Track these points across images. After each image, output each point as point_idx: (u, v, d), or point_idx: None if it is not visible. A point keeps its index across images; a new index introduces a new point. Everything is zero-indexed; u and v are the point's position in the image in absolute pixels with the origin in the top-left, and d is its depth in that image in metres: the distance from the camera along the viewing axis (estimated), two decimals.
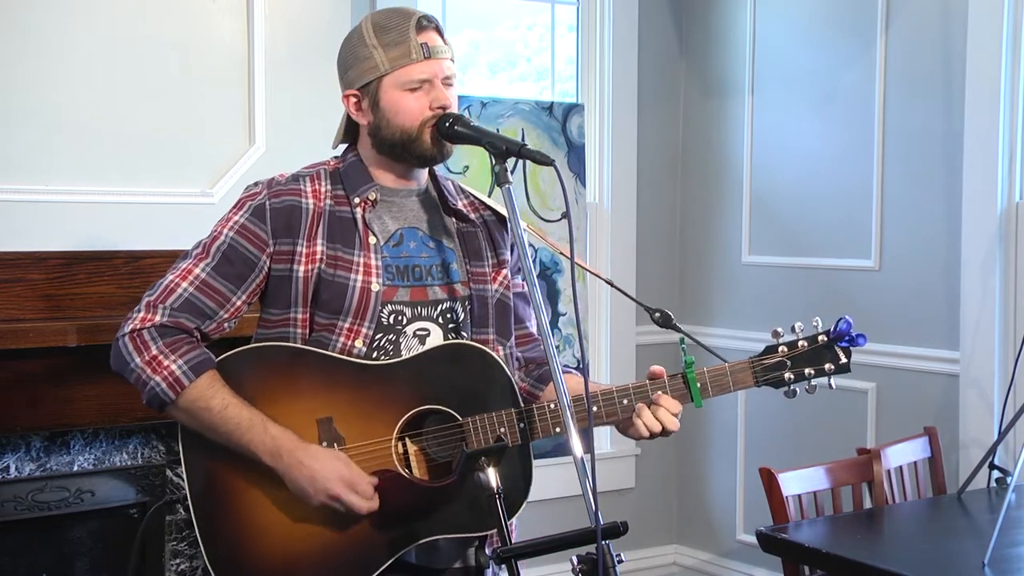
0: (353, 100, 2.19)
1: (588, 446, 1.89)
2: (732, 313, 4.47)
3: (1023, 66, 3.53)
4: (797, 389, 2.13)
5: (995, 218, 3.55)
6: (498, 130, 3.61)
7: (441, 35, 2.16)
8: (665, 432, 2.11)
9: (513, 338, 2.26)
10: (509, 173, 2.03)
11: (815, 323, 2.14)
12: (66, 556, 3.22)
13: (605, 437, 4.54)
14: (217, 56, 3.42)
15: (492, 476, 1.90)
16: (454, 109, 2.15)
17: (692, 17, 4.66)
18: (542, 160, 1.99)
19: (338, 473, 2.03)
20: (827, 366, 2.13)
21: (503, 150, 2.03)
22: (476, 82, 4.38)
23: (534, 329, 2.31)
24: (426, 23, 2.14)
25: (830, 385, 2.14)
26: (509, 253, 2.29)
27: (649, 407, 2.10)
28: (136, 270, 3.20)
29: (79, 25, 3.21)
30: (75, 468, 3.16)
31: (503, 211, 2.24)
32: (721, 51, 4.54)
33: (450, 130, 2.11)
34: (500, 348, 2.22)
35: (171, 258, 3.20)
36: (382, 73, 2.13)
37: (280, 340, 2.14)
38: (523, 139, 4.07)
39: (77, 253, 3.16)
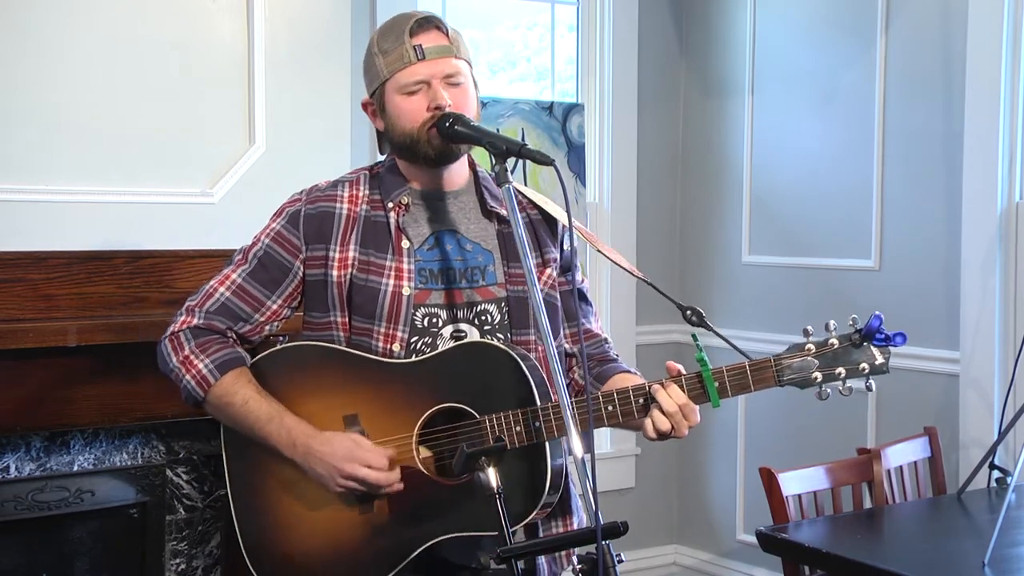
0: (370, 108, 2.23)
1: (588, 446, 1.89)
2: (732, 313, 4.47)
3: (1023, 66, 3.53)
4: (829, 390, 2.03)
5: (995, 218, 3.55)
6: (498, 130, 3.61)
7: (445, 34, 2.16)
8: (676, 429, 2.04)
9: (563, 336, 2.26)
10: (509, 173, 2.03)
11: (851, 321, 2.03)
12: (66, 556, 3.21)
13: (605, 437, 4.54)
14: (217, 56, 3.41)
15: (492, 476, 1.90)
16: (461, 107, 2.14)
17: (692, 17, 4.66)
18: (542, 160, 1.99)
19: (348, 452, 2.06)
20: (862, 366, 2.01)
21: (503, 150, 2.03)
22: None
23: (593, 325, 2.29)
24: (423, 23, 2.14)
25: (868, 387, 2.01)
26: (559, 251, 2.28)
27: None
28: (136, 270, 3.20)
29: (79, 25, 3.20)
30: (75, 468, 3.16)
31: (551, 210, 2.26)
32: (721, 51, 4.54)
33: (450, 130, 2.10)
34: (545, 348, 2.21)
35: (171, 258, 3.24)
36: (383, 79, 2.16)
37: (323, 343, 2.19)
38: (523, 139, 4.07)
39: (77, 253, 3.15)
